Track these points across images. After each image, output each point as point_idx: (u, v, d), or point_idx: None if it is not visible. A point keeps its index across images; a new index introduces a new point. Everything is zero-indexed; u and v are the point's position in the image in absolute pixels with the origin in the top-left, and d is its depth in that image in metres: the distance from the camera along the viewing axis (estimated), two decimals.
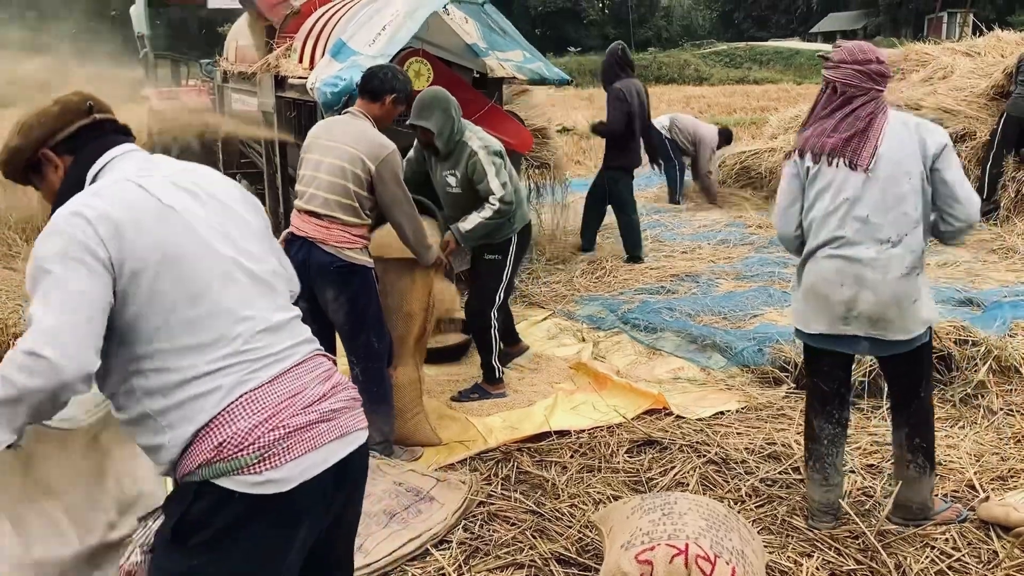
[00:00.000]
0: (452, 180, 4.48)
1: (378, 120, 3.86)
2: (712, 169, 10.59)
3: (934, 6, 52.97)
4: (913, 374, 3.24)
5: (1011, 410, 4.34)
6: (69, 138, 1.90)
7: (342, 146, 3.72)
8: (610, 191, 7.73)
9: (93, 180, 1.86)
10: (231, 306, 1.80)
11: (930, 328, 3.19)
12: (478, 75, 5.71)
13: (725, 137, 10.72)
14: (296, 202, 3.83)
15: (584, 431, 4.28)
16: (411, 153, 4.59)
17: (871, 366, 4.53)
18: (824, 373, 3.28)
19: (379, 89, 3.85)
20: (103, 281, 1.67)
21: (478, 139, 4.41)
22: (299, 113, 5.76)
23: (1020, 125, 8.36)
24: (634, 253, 7.65)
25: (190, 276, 1.76)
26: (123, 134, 1.99)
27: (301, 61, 5.48)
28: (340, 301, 3.78)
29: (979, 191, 8.16)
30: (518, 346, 5.21)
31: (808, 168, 3.11)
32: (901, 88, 10.43)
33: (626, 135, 7.49)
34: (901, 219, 2.99)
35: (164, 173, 1.88)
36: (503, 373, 4.88)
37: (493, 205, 4.36)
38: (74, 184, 1.85)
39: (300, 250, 3.76)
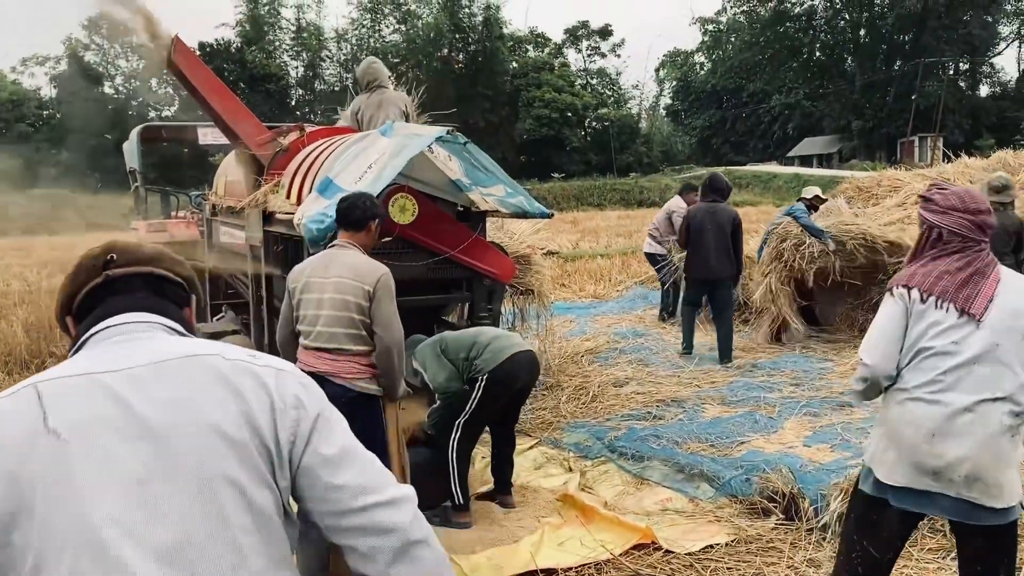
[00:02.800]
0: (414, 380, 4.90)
1: (364, 247, 4.02)
2: None
3: (905, 131, 55.01)
4: (997, 553, 2.91)
5: None
6: (83, 301, 1.65)
7: (341, 279, 3.83)
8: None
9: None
10: None
11: (1021, 505, 2.89)
12: (461, 208, 5.85)
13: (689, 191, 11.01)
14: (302, 341, 3.89)
15: (571, 568, 4.19)
16: None
17: None
18: (884, 536, 3.01)
19: (362, 218, 4.01)
20: None
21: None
22: (285, 247, 5.84)
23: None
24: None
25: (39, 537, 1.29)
26: (153, 290, 1.68)
27: (288, 197, 5.59)
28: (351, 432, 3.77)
29: None
30: (504, 498, 5.13)
31: (915, 305, 2.91)
32: (876, 212, 10.71)
33: (688, 250, 8.79)
34: (1005, 374, 2.79)
35: (126, 371, 1.45)
36: (464, 502, 4.79)
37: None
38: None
39: None
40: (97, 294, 1.64)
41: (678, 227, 9.81)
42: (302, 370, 3.77)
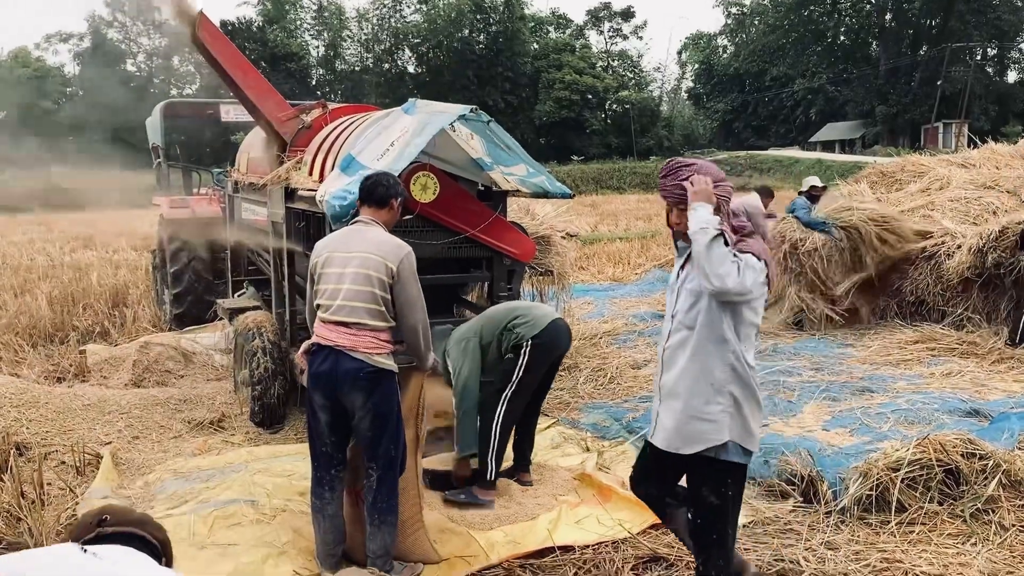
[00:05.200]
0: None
1: (387, 224, 4.02)
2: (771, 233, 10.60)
3: (930, 117, 54.34)
4: None
5: None
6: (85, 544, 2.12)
7: (363, 254, 3.83)
8: None
9: None
10: None
11: None
12: (483, 188, 5.85)
13: (767, 194, 10.42)
14: (320, 314, 3.89)
15: (588, 546, 4.20)
16: None
17: (879, 479, 4.47)
18: None
19: (385, 195, 4.00)
20: None
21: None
22: (307, 224, 5.87)
23: None
24: None
25: None
26: (136, 542, 2.15)
27: (311, 174, 5.61)
28: (368, 407, 3.80)
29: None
30: (522, 476, 5.14)
31: None
32: (899, 198, 10.61)
33: None
34: None
35: None
36: (496, 477, 4.80)
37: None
38: None
39: (326, 360, 3.82)
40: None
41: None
42: (319, 344, 3.82)
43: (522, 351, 4.76)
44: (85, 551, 2.01)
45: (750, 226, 3.24)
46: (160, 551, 2.26)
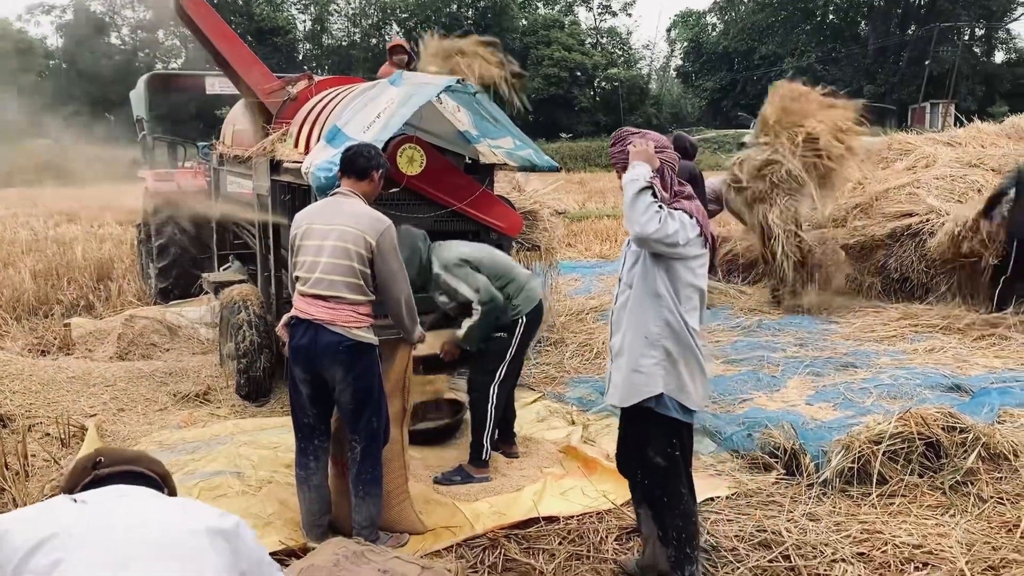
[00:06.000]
0: (443, 299, 4.82)
1: (367, 196, 3.97)
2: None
3: (917, 97, 54.37)
4: None
5: (1002, 498, 4.31)
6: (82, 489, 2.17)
7: (342, 227, 3.79)
8: None
9: None
10: None
11: None
12: (470, 161, 5.83)
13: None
14: (299, 287, 3.87)
15: (573, 517, 4.24)
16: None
17: (861, 452, 4.52)
18: None
19: (366, 167, 3.95)
20: None
21: (437, 260, 4.72)
22: (293, 196, 5.84)
23: None
24: None
25: None
26: (134, 479, 2.18)
27: (296, 146, 5.57)
28: (348, 380, 3.80)
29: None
30: (511, 448, 5.16)
31: None
32: (886, 176, 10.65)
33: None
34: None
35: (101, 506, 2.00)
36: (490, 455, 4.84)
37: (477, 309, 4.64)
38: None
39: (306, 333, 3.80)
40: (91, 486, 2.15)
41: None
42: (298, 317, 3.80)
43: (516, 330, 4.76)
44: (75, 501, 1.99)
45: (689, 190, 3.35)
46: (160, 484, 2.27)
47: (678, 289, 3.23)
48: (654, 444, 3.34)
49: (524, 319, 4.78)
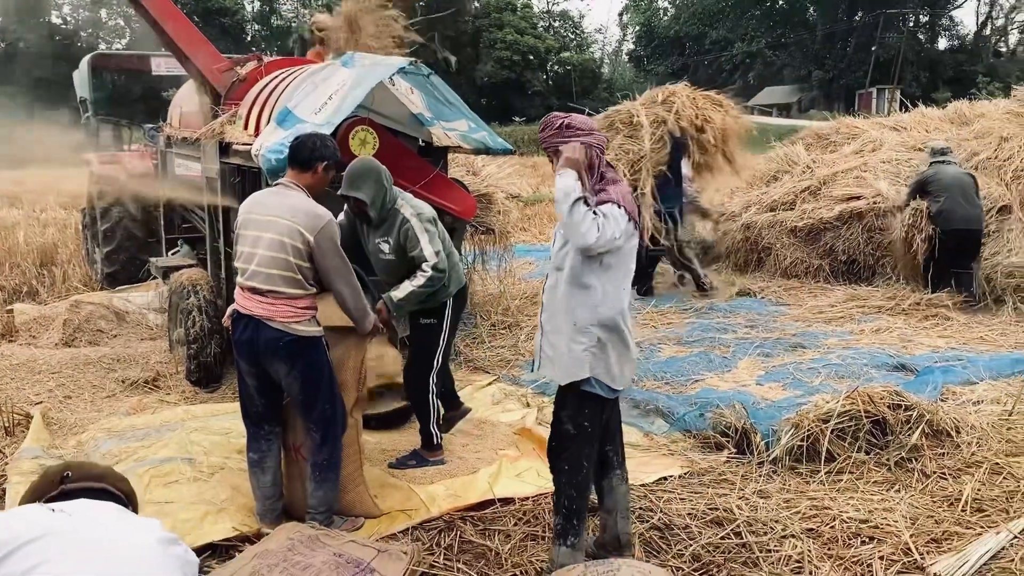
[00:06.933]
0: (385, 247, 4.48)
1: (310, 188, 3.85)
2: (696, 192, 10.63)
3: (864, 82, 55.31)
4: None
5: (944, 473, 4.44)
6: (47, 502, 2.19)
7: (279, 219, 3.70)
8: None
9: None
10: None
11: None
12: (424, 144, 5.79)
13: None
14: (238, 279, 3.80)
15: (528, 498, 4.26)
16: (342, 218, 4.54)
17: (810, 430, 4.61)
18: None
19: (309, 158, 3.84)
20: None
21: (410, 207, 4.44)
22: (243, 179, 5.75)
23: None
24: None
25: None
26: (101, 495, 2.22)
27: (246, 128, 5.49)
28: (294, 375, 3.75)
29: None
30: (459, 410, 5.17)
31: None
32: (834, 160, 10.84)
33: None
34: None
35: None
36: (441, 439, 4.84)
37: (426, 272, 4.36)
38: None
39: (246, 329, 3.74)
40: (55, 500, 2.16)
41: None
42: (239, 312, 3.75)
43: (445, 313, 4.67)
44: (53, 511, 2.02)
45: (613, 174, 3.37)
46: (126, 502, 2.31)
47: (607, 276, 3.26)
48: (568, 411, 3.39)
49: (451, 302, 4.71)
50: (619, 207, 3.21)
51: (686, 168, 10.19)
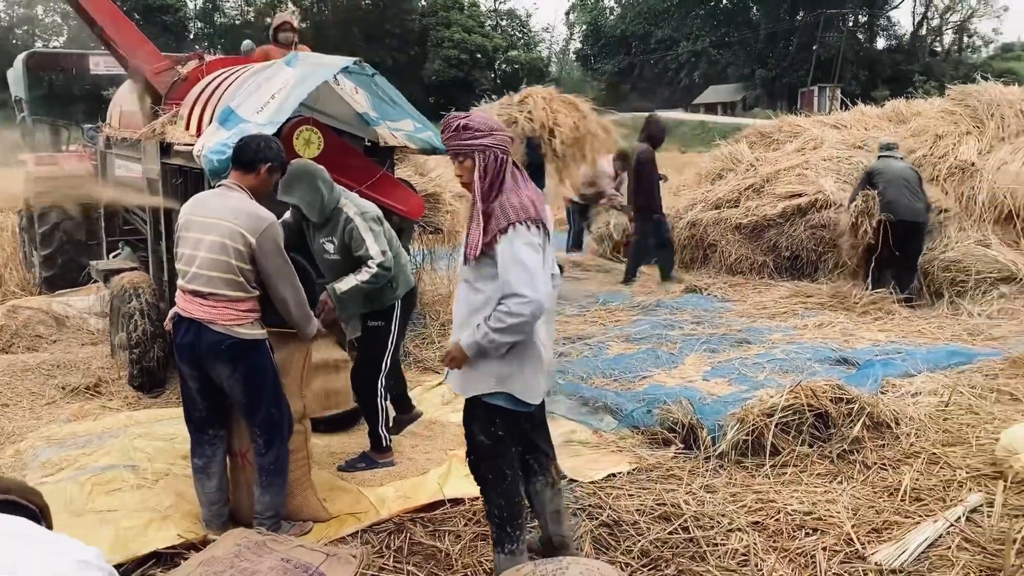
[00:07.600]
0: (330, 247, 4.43)
1: (254, 190, 3.79)
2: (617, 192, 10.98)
3: (806, 80, 56.35)
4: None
5: (884, 464, 4.54)
6: None
7: (220, 221, 3.64)
8: None
9: None
10: None
11: None
12: (369, 143, 5.75)
13: (622, 158, 10.70)
14: (179, 282, 3.73)
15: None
16: (288, 217, 4.49)
17: (755, 425, 4.68)
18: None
19: (253, 159, 3.78)
20: None
21: (354, 206, 4.40)
22: (185, 180, 5.65)
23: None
24: None
25: None
26: (11, 509, 2.04)
27: (188, 128, 5.40)
28: (236, 378, 3.70)
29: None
30: (411, 413, 5.15)
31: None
32: (776, 157, 11.03)
33: None
34: None
35: None
36: (390, 441, 4.82)
37: (371, 269, 4.30)
38: None
39: (188, 332, 3.68)
40: None
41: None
42: (180, 315, 3.68)
43: (393, 316, 4.64)
44: None
45: (513, 178, 3.21)
46: (39, 516, 2.16)
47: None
48: (478, 423, 3.30)
49: (400, 304, 4.68)
50: (524, 225, 3.04)
51: (607, 167, 10.54)
